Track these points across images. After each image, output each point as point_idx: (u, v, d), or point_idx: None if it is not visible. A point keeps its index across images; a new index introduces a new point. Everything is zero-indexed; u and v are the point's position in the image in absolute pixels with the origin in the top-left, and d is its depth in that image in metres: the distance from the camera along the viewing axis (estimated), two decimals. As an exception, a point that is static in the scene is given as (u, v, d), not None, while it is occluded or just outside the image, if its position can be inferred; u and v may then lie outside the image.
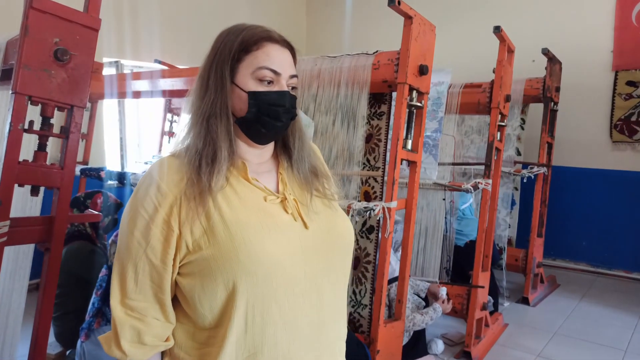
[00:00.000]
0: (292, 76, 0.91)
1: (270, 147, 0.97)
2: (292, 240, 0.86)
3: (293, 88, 0.92)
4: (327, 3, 6.14)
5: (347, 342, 1.00)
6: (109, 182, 3.29)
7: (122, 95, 3.50)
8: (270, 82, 0.89)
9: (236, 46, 0.88)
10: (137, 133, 4.44)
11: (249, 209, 0.86)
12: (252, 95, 0.88)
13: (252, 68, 0.88)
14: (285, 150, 0.98)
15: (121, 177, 3.14)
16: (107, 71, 3.88)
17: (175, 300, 0.88)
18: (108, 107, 4.20)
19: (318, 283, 0.88)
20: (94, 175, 3.33)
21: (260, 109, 0.88)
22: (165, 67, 3.98)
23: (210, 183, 0.82)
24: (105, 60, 3.95)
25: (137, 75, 3.38)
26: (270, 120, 0.89)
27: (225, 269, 0.80)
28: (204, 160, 0.84)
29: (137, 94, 3.37)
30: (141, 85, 3.29)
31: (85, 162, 3.77)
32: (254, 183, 0.89)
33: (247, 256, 0.80)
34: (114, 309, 0.84)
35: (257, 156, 0.94)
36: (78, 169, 3.37)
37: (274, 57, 0.89)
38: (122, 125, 4.15)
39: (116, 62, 4.10)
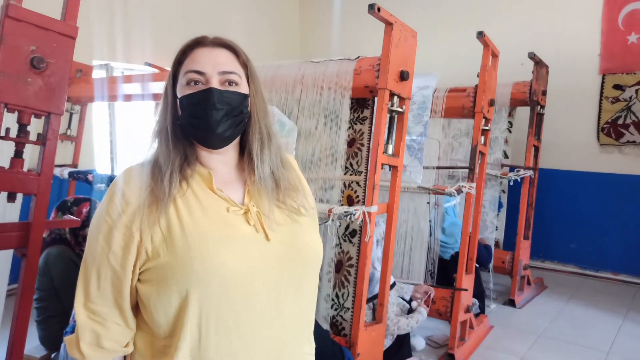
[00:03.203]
0: (227, 72, 0.91)
1: (233, 154, 0.97)
2: (251, 252, 0.87)
3: (231, 83, 0.91)
4: (320, 6, 6.16)
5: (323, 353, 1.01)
6: (98, 185, 3.30)
7: (112, 98, 3.51)
8: (196, 83, 0.90)
9: (173, 62, 0.93)
10: (127, 136, 4.44)
11: (210, 218, 0.87)
12: (181, 100, 0.91)
13: (182, 76, 0.91)
14: (250, 158, 0.96)
15: (111, 180, 3.14)
16: (97, 74, 3.89)
17: (137, 308, 0.90)
18: (98, 109, 4.20)
19: (279, 296, 0.88)
20: (82, 178, 3.35)
21: (189, 112, 0.90)
22: (156, 70, 3.99)
23: (166, 191, 0.85)
24: (95, 63, 3.96)
25: (127, 79, 3.39)
26: (200, 120, 0.89)
27: (180, 277, 0.82)
28: (157, 171, 0.87)
29: (127, 97, 3.38)
30: (131, 88, 3.29)
31: (74, 165, 3.77)
32: (218, 193, 0.90)
33: (202, 266, 0.81)
34: (77, 311, 0.86)
35: (221, 163, 0.95)
36: (66, 172, 3.38)
37: (199, 59, 0.91)
38: (112, 128, 4.16)
39: (106, 64, 4.11)
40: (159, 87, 3.07)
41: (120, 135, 4.13)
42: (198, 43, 0.92)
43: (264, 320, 0.86)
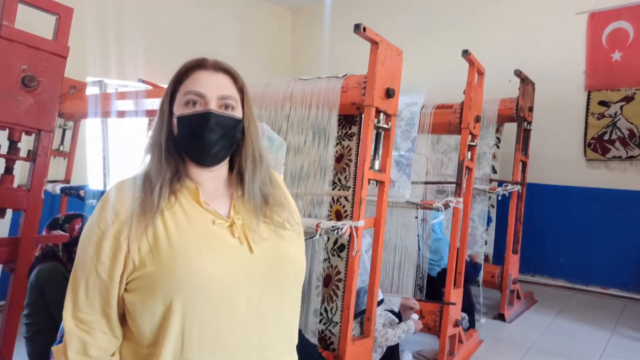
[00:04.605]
0: (225, 97, 0.96)
1: (222, 171, 1.00)
2: (235, 264, 0.90)
3: (227, 107, 0.96)
4: (311, 23, 6.26)
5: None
6: (90, 201, 3.31)
7: (105, 114, 3.54)
8: (195, 104, 0.94)
9: (173, 80, 0.97)
10: (120, 152, 4.46)
11: (195, 230, 0.90)
12: (179, 119, 0.95)
13: (182, 95, 0.95)
14: (240, 176, 1.01)
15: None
16: (91, 90, 3.93)
17: (123, 317, 0.92)
18: (91, 125, 4.23)
19: (261, 307, 0.91)
20: (74, 194, 3.35)
21: (186, 131, 0.94)
22: (149, 87, 4.03)
23: (154, 203, 0.88)
24: (88, 79, 4.00)
25: (121, 95, 3.42)
26: (196, 140, 0.93)
27: (164, 285, 0.85)
28: (147, 183, 0.91)
29: (121, 114, 3.41)
30: (125, 105, 3.32)
31: (67, 180, 3.78)
32: (204, 206, 0.94)
33: (186, 274, 0.85)
34: (66, 320, 0.88)
35: (211, 179, 0.98)
36: (59, 188, 3.39)
37: (200, 81, 0.95)
38: (106, 144, 4.19)
39: (100, 81, 4.16)
40: (152, 103, 3.11)
41: (113, 151, 4.16)
42: (199, 65, 0.96)
43: (245, 330, 0.89)
